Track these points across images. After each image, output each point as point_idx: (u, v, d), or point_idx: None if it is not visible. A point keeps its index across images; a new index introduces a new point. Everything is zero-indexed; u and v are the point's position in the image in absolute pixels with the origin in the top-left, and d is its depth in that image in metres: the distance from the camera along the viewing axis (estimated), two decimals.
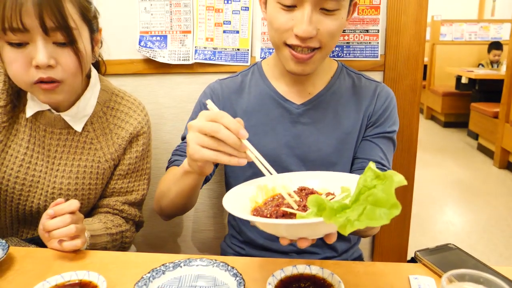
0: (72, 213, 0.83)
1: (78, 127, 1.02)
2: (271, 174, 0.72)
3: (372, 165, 0.57)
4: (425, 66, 6.18)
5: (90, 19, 0.93)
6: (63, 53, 0.87)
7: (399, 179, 0.51)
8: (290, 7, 0.88)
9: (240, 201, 0.70)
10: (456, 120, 5.81)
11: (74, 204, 0.83)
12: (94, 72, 1.06)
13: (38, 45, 0.84)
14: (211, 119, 0.69)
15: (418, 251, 0.81)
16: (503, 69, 4.46)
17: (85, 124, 1.03)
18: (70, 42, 0.87)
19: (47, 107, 0.99)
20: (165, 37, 1.33)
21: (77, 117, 1.01)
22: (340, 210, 0.53)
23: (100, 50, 1.09)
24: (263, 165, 0.72)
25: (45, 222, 0.83)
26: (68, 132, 1.02)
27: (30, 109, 0.98)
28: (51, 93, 0.89)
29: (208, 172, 0.79)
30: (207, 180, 1.08)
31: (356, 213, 0.51)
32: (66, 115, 1.00)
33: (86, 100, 1.02)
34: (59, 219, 0.82)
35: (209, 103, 0.74)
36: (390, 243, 1.42)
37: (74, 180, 1.03)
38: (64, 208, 0.82)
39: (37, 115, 1.00)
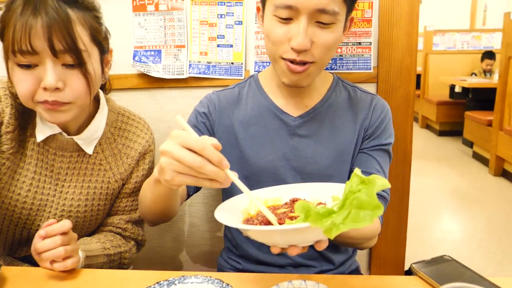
0: (65, 233, 0.83)
1: (90, 150, 1.01)
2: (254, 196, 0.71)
3: (357, 171, 0.58)
4: (419, 76, 6.24)
5: (100, 40, 0.92)
6: (72, 75, 0.86)
7: (382, 182, 0.54)
8: (286, 20, 0.89)
9: (233, 213, 0.71)
10: (451, 128, 5.84)
11: (66, 224, 0.82)
12: (101, 94, 1.06)
13: (47, 67, 0.83)
14: (190, 148, 0.62)
15: (414, 263, 0.81)
16: (496, 77, 4.51)
17: (94, 146, 1.03)
18: (79, 64, 0.86)
19: (58, 130, 0.97)
20: (159, 51, 1.34)
21: (89, 140, 1.01)
22: (326, 215, 0.55)
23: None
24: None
25: (36, 243, 0.82)
26: (78, 154, 1.01)
27: (41, 133, 0.97)
28: (56, 112, 0.88)
29: (182, 185, 0.74)
30: (198, 189, 1.07)
31: (342, 217, 0.54)
32: (79, 139, 0.99)
33: (97, 123, 1.02)
34: (49, 241, 0.81)
35: (180, 119, 0.67)
36: (387, 254, 1.41)
37: (84, 202, 1.02)
38: (56, 229, 0.81)
39: (47, 139, 0.98)
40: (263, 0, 0.96)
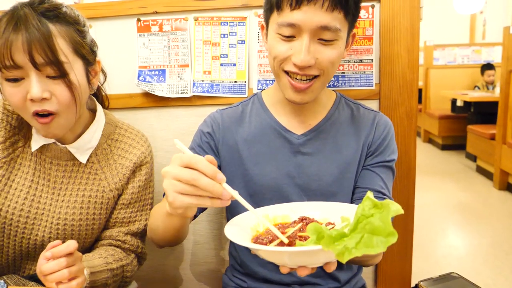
0: (70, 253, 0.83)
1: (83, 159, 1.05)
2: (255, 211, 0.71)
3: (370, 194, 0.58)
4: (420, 90, 6.26)
5: (83, 53, 0.96)
6: (56, 86, 0.91)
7: (396, 208, 0.53)
8: (289, 37, 0.91)
9: (242, 230, 0.71)
10: (453, 142, 5.83)
11: (72, 245, 0.83)
12: (99, 106, 1.10)
13: (32, 80, 0.88)
14: (186, 165, 0.66)
15: (421, 281, 0.81)
16: (497, 91, 4.52)
17: (90, 156, 1.06)
18: (62, 75, 0.90)
19: (52, 140, 1.02)
20: (164, 71, 1.36)
21: (82, 149, 1.05)
22: (338, 238, 0.55)
23: (104, 85, 1.16)
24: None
25: (42, 265, 0.82)
26: (73, 163, 1.05)
27: (36, 142, 1.02)
28: (48, 127, 0.93)
29: (191, 215, 0.76)
30: (203, 209, 1.07)
31: (354, 241, 0.53)
32: (71, 147, 1.03)
33: (92, 133, 1.05)
34: (54, 263, 0.81)
35: (177, 143, 0.70)
36: (393, 270, 1.40)
37: (79, 210, 1.04)
38: (62, 251, 0.82)
39: (42, 148, 1.03)
40: (267, 18, 0.98)
